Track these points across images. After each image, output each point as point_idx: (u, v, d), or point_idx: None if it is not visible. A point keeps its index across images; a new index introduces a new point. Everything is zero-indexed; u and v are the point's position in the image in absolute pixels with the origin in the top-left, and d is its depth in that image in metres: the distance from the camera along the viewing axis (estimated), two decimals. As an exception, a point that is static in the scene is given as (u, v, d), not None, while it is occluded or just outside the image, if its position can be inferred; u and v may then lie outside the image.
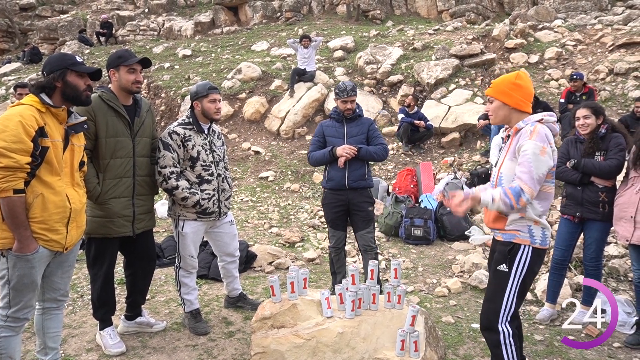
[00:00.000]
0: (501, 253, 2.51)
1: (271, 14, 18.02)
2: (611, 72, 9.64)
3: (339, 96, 3.78)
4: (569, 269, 4.51)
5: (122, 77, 2.97)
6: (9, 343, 2.39)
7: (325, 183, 3.87)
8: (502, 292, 2.47)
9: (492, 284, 2.56)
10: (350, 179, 3.73)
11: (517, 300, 2.47)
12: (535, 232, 2.44)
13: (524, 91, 2.46)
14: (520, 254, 2.45)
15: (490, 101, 2.53)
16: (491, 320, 2.49)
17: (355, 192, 3.77)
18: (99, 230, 3.01)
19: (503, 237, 2.52)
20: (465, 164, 8.11)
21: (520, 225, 2.44)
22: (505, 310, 2.46)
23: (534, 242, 2.44)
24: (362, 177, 3.76)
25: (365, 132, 3.82)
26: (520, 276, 2.45)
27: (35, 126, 2.26)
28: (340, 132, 3.82)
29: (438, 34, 12.80)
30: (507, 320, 2.47)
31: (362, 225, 3.81)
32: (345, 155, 3.67)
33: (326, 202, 3.89)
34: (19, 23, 20.31)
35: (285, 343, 2.72)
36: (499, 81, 2.52)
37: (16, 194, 2.21)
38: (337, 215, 3.85)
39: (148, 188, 3.21)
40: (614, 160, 3.45)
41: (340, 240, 3.92)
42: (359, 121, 3.86)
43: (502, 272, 2.48)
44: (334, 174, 3.78)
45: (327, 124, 3.93)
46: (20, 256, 2.29)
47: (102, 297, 3.14)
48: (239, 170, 9.23)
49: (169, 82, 11.94)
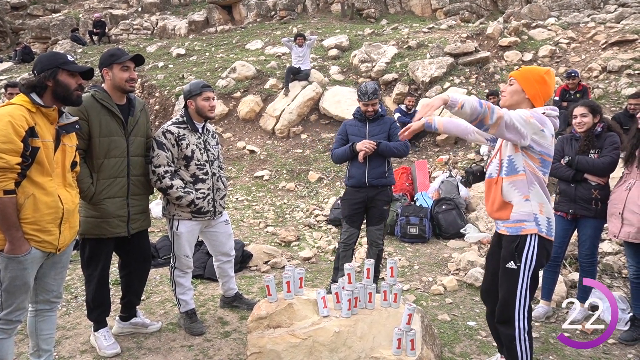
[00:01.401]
0: (507, 250, 2.52)
1: (265, 12, 17.97)
2: (604, 69, 9.69)
3: (360, 99, 3.87)
4: (564, 266, 4.53)
5: (115, 76, 2.93)
6: (1, 346, 2.36)
7: (347, 180, 3.96)
8: (515, 290, 2.49)
9: (503, 282, 2.56)
10: (370, 177, 3.80)
11: (530, 293, 2.50)
12: (541, 220, 2.46)
13: (545, 88, 2.51)
14: (528, 247, 2.46)
15: (510, 83, 2.56)
16: (508, 316, 2.51)
17: (375, 190, 3.84)
18: (94, 231, 2.98)
19: (508, 230, 2.52)
20: (460, 162, 8.13)
21: (526, 213, 2.46)
22: (520, 305, 2.49)
23: (541, 231, 2.45)
24: (382, 174, 3.83)
25: (386, 131, 3.91)
26: (529, 270, 2.47)
27: (26, 126, 2.23)
28: (362, 131, 3.92)
29: (432, 32, 12.82)
30: (524, 316, 2.50)
31: (375, 221, 3.92)
32: (365, 149, 3.73)
33: (345, 197, 3.97)
34: (10, 22, 20.12)
35: (281, 343, 2.70)
36: (528, 69, 2.56)
37: (6, 194, 2.18)
38: (355, 212, 3.91)
39: (143, 188, 3.18)
40: (607, 157, 3.47)
41: (353, 237, 3.97)
42: (381, 121, 3.95)
43: (511, 270, 2.50)
44: (354, 172, 3.86)
45: (350, 123, 4.03)
46: (12, 258, 2.26)
47: (97, 299, 3.10)
48: (234, 170, 9.19)
49: (163, 81, 11.88)
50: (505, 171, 2.51)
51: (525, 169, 2.45)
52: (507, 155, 2.50)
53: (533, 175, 2.45)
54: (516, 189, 2.47)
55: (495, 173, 2.57)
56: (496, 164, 2.59)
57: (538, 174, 2.47)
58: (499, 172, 2.54)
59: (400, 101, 9.87)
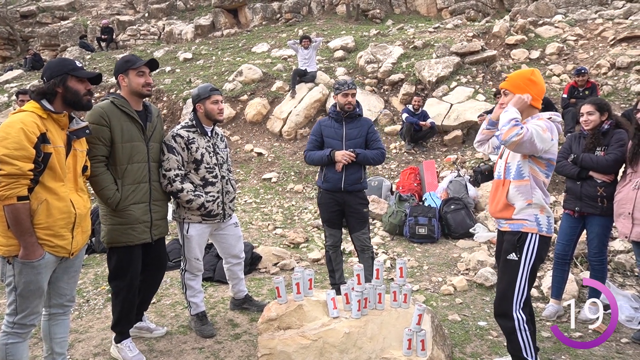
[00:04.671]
0: (509, 242, 2.65)
1: (271, 15, 18.03)
2: (613, 66, 9.60)
3: (339, 90, 3.75)
4: (575, 265, 4.49)
5: (132, 81, 2.96)
6: (16, 349, 2.40)
7: (321, 183, 3.86)
8: (514, 281, 2.60)
9: (503, 273, 2.68)
10: (347, 183, 3.73)
11: (528, 286, 2.61)
12: (542, 220, 2.60)
13: (537, 87, 2.65)
14: (529, 242, 2.59)
15: (505, 94, 2.70)
16: (505, 308, 2.62)
17: (350, 195, 3.78)
18: (121, 239, 2.93)
19: (510, 227, 2.65)
20: (468, 162, 8.09)
21: (528, 214, 2.60)
22: (517, 297, 2.60)
23: (541, 230, 2.60)
24: (358, 180, 3.77)
25: (364, 135, 3.78)
26: (529, 263, 2.60)
27: (37, 132, 2.27)
28: (339, 134, 3.78)
29: (438, 31, 12.78)
30: (520, 307, 2.60)
31: (358, 226, 3.83)
32: (344, 161, 3.67)
33: (322, 202, 3.90)
34: (20, 30, 20.39)
35: (291, 344, 2.71)
36: (515, 76, 2.70)
37: (20, 200, 2.21)
38: (334, 215, 3.88)
39: (163, 193, 3.16)
40: (612, 155, 3.45)
41: (338, 239, 3.96)
42: (359, 122, 3.82)
43: (512, 261, 2.62)
44: (330, 176, 3.77)
45: (326, 124, 3.88)
46: (27, 263, 2.29)
47: (125, 310, 3.04)
48: (242, 172, 9.23)
49: (171, 85, 11.96)
50: (514, 175, 2.64)
51: (530, 175, 2.59)
52: (516, 160, 2.63)
53: (536, 180, 2.60)
54: (520, 193, 2.61)
55: (502, 175, 2.70)
56: (502, 165, 2.71)
57: (541, 178, 2.61)
58: (507, 175, 2.67)
59: (407, 101, 9.85)
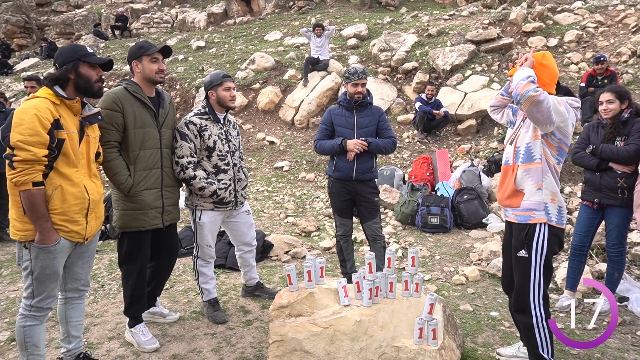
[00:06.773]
0: (517, 239, 2.57)
1: (284, 3, 17.89)
2: (634, 54, 9.34)
3: (349, 79, 3.72)
4: (590, 257, 4.42)
5: (145, 68, 2.97)
6: (33, 332, 2.45)
7: (332, 172, 3.83)
8: (528, 277, 2.52)
9: (516, 270, 2.61)
10: (358, 172, 3.70)
11: (544, 280, 2.52)
12: (551, 209, 2.49)
13: (549, 72, 2.56)
14: (537, 236, 2.49)
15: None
16: (524, 305, 2.54)
17: (361, 184, 3.75)
18: (133, 224, 2.98)
19: (517, 219, 2.56)
20: (482, 151, 7.99)
21: (537, 202, 2.50)
22: (534, 293, 2.51)
23: (550, 220, 2.48)
24: (370, 169, 3.74)
25: (375, 124, 3.75)
26: (541, 258, 2.50)
27: (51, 118, 2.28)
28: (350, 123, 3.75)
29: (453, 19, 12.55)
30: (540, 304, 2.51)
31: (369, 216, 3.81)
32: (356, 150, 3.64)
33: (333, 191, 3.87)
34: (36, 19, 20.60)
35: (302, 331, 2.72)
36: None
37: (35, 186, 2.24)
38: (345, 204, 3.85)
39: (175, 179, 3.19)
40: (634, 145, 3.36)
41: (349, 228, 3.95)
42: (370, 110, 3.78)
43: (522, 258, 2.54)
44: (342, 165, 3.73)
45: (336, 112, 3.85)
46: (42, 247, 2.33)
47: (136, 294, 3.09)
48: (254, 161, 9.25)
49: (183, 73, 11.99)
50: (522, 159, 2.55)
51: (542, 157, 2.49)
52: (525, 142, 2.54)
53: (548, 163, 2.49)
54: (530, 177, 2.51)
55: (511, 160, 2.61)
56: (511, 150, 2.62)
57: (552, 162, 2.50)
58: (515, 160, 2.58)
59: (420, 90, 9.73)
